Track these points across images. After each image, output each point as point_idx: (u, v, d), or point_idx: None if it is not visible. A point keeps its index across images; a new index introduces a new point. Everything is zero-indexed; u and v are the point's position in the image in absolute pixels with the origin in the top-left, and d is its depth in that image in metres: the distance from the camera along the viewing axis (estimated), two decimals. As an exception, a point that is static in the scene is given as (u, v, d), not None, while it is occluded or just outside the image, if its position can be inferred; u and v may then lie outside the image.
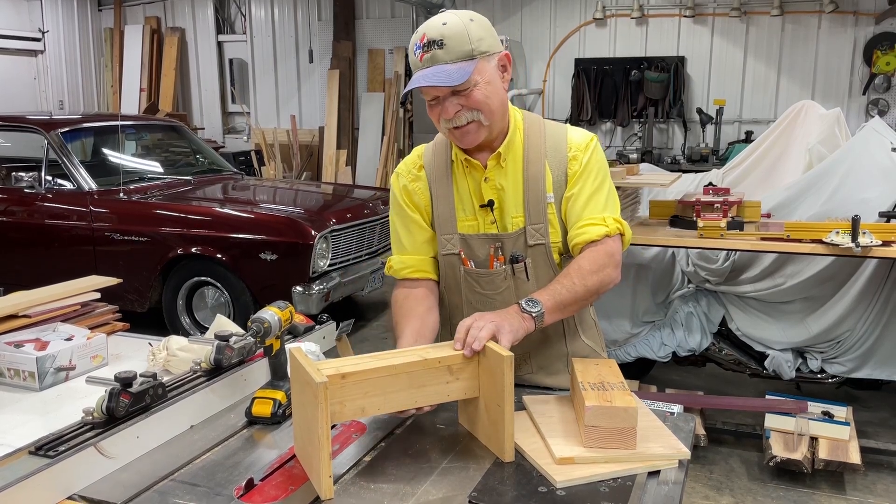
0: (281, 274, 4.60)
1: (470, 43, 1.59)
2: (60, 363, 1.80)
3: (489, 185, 1.73)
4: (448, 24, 1.59)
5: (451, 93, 1.60)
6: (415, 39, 1.62)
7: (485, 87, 1.62)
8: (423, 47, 1.59)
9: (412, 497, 1.28)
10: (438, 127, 1.70)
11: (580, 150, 1.73)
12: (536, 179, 1.72)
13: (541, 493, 1.29)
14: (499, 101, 1.67)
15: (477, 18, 1.65)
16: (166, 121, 7.05)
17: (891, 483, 3.22)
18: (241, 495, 1.29)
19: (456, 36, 1.58)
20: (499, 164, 1.73)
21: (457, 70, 1.58)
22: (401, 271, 1.79)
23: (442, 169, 1.78)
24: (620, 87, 8.19)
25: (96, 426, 1.40)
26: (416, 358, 1.41)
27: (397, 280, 1.81)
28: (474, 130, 1.65)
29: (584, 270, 1.63)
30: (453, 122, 1.64)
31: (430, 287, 1.79)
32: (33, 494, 1.24)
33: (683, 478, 1.36)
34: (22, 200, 5.15)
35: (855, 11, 7.37)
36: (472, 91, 1.60)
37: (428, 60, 1.59)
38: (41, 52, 9.91)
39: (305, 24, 9.76)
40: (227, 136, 10.39)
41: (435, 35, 1.58)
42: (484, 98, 1.62)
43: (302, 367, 1.33)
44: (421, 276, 1.78)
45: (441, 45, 1.58)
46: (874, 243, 2.89)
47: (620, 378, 1.52)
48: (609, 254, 1.66)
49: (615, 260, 1.67)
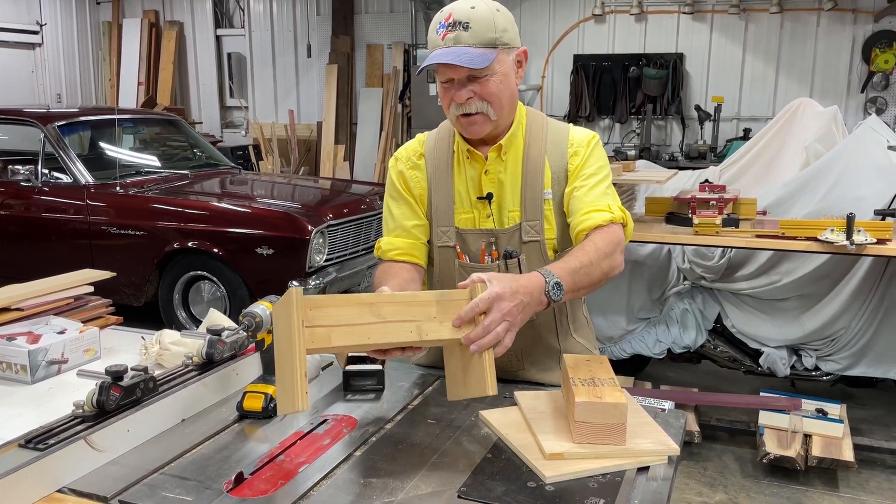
0: (277, 268, 4.60)
1: (495, 31, 1.60)
2: (52, 356, 1.80)
3: (489, 177, 1.73)
4: (476, 9, 1.60)
5: (468, 78, 1.61)
6: (439, 18, 1.62)
7: (501, 78, 1.63)
8: (448, 27, 1.59)
9: (402, 492, 1.28)
10: (447, 112, 1.69)
11: (581, 146, 1.73)
12: (535, 175, 1.72)
13: (529, 489, 1.29)
14: (509, 95, 1.68)
15: (503, 10, 1.66)
16: (164, 115, 7.04)
17: (884, 480, 3.23)
18: (230, 489, 1.29)
19: (483, 21, 1.59)
20: (499, 157, 1.73)
21: (479, 55, 1.58)
22: (388, 252, 1.78)
23: (443, 159, 1.77)
24: (619, 84, 8.18)
25: (86, 419, 1.40)
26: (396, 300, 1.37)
27: (383, 260, 1.79)
28: (481, 122, 1.66)
29: (602, 252, 1.58)
30: (463, 109, 1.64)
31: (417, 269, 1.77)
32: (22, 487, 1.23)
33: (673, 474, 1.36)
34: (18, 194, 5.15)
35: (854, 9, 7.37)
36: (488, 80, 1.61)
37: (451, 40, 1.59)
38: (39, 45, 9.88)
39: (304, 19, 9.74)
40: (226, 131, 10.38)
41: (462, 17, 1.59)
42: (497, 90, 1.63)
43: (282, 301, 1.32)
44: (408, 260, 1.77)
45: (466, 28, 1.58)
46: (868, 241, 2.89)
47: (611, 374, 1.52)
48: (617, 240, 1.63)
49: (622, 247, 1.65)
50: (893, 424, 3.72)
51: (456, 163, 1.76)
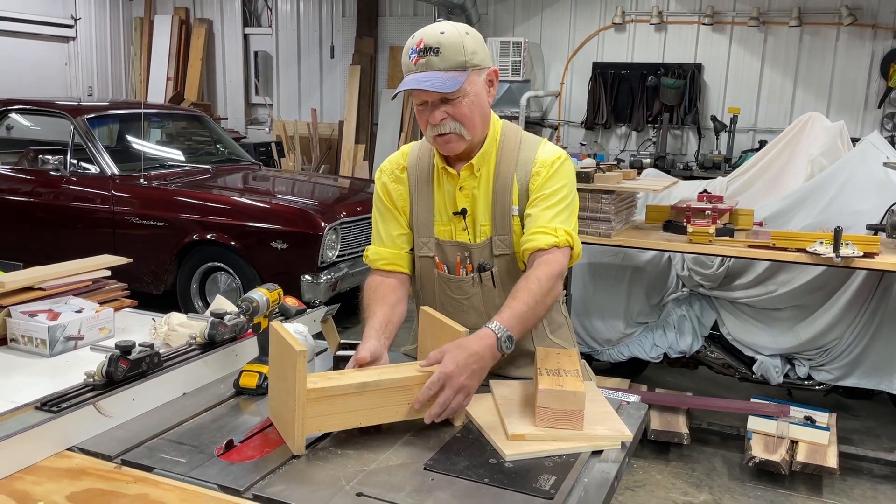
0: (291, 262, 4.76)
1: (465, 54, 1.70)
2: (70, 333, 1.96)
3: (464, 193, 1.83)
4: (445, 34, 1.70)
5: (441, 100, 1.71)
6: (411, 44, 1.72)
7: (473, 99, 1.72)
8: (420, 52, 1.69)
9: (374, 462, 1.42)
10: (425, 132, 1.79)
11: (543, 167, 1.81)
12: (504, 192, 1.82)
13: (490, 465, 1.42)
14: (481, 115, 1.77)
15: (472, 32, 1.76)
16: (189, 110, 7.25)
17: (868, 489, 3.31)
18: (221, 454, 1.43)
19: (452, 46, 1.69)
20: (472, 175, 1.82)
21: (449, 78, 1.68)
22: (376, 262, 1.91)
23: (424, 173, 1.88)
24: (636, 92, 8.25)
25: (96, 388, 1.55)
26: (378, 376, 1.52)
27: (372, 269, 1.93)
28: (455, 140, 1.76)
29: (544, 289, 1.68)
30: (438, 130, 1.74)
31: (402, 279, 1.90)
32: (37, 444, 1.39)
33: (624, 457, 1.48)
34: (48, 182, 5.37)
35: (874, 25, 7.38)
36: (460, 101, 1.71)
37: (423, 65, 1.68)
38: (73, 39, 10.17)
39: (329, 20, 9.92)
40: (250, 127, 10.59)
41: (432, 42, 1.68)
42: (469, 112, 1.72)
43: (282, 338, 1.46)
44: (394, 269, 1.89)
45: (437, 53, 1.68)
46: (855, 254, 2.98)
47: (577, 367, 1.64)
48: (558, 272, 1.73)
49: (563, 275, 1.76)
50: (884, 436, 3.79)
51: (436, 176, 1.87)
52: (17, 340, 1.95)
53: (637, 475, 3.38)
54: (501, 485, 1.35)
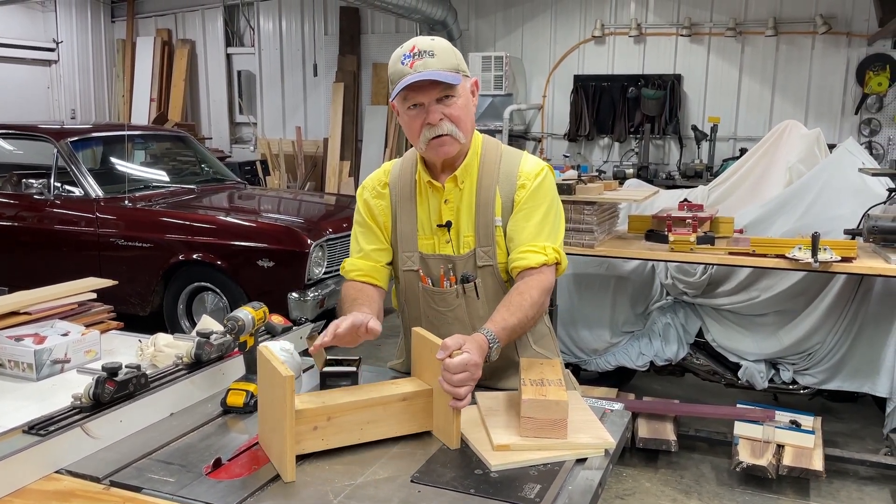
0: (277, 280, 4.77)
1: (456, 59, 1.78)
2: (56, 356, 1.97)
3: (448, 206, 1.87)
4: (436, 41, 1.78)
5: (436, 100, 1.75)
6: (402, 51, 1.76)
7: (465, 101, 1.79)
8: (414, 56, 1.73)
9: (361, 476, 1.44)
10: (416, 139, 1.80)
11: (528, 179, 1.85)
12: (487, 204, 1.85)
13: (476, 475, 1.44)
14: (471, 120, 1.84)
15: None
16: (173, 131, 7.26)
17: (854, 491, 3.34)
18: (209, 472, 1.44)
19: (446, 50, 1.77)
20: (456, 187, 1.86)
21: (451, 76, 1.74)
22: (350, 272, 1.95)
23: (407, 188, 1.91)
24: (618, 104, 8.35)
25: (84, 410, 1.56)
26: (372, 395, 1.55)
27: (346, 279, 1.96)
28: (450, 143, 1.79)
29: (536, 305, 1.75)
30: (435, 131, 1.76)
31: (378, 290, 1.93)
32: (25, 468, 1.40)
33: (607, 464, 1.50)
34: (32, 206, 5.35)
35: (848, 32, 7.52)
36: (455, 102, 1.76)
37: (420, 66, 1.72)
38: (55, 62, 10.17)
39: (312, 39, 9.98)
40: (234, 146, 10.61)
41: (426, 46, 1.75)
42: (462, 113, 1.78)
43: (269, 363, 1.48)
44: (368, 281, 1.93)
45: (432, 55, 1.73)
46: (833, 259, 3.03)
47: (560, 376, 1.67)
48: (548, 287, 1.81)
49: (549, 292, 1.83)
50: (869, 437, 3.83)
51: (419, 192, 1.90)
52: (3, 365, 1.96)
53: (626, 483, 3.40)
54: (487, 495, 1.37)
